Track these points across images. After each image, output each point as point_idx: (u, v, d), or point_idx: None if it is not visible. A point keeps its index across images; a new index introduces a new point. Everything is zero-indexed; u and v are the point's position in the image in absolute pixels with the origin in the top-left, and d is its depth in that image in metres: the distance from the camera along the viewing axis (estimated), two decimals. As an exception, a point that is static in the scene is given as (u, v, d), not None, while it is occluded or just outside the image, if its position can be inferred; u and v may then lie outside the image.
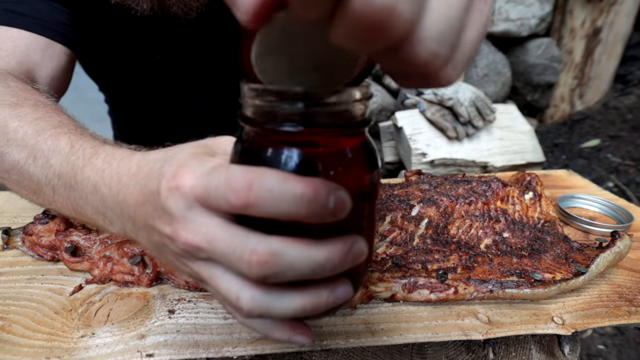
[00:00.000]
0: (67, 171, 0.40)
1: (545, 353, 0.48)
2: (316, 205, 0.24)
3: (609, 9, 2.35)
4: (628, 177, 1.99)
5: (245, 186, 0.25)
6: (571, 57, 2.49)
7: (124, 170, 0.34)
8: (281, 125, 0.26)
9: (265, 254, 0.25)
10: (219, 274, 0.28)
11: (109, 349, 0.39)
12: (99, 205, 0.36)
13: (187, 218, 0.27)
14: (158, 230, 0.30)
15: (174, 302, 0.45)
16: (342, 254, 0.26)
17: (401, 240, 0.54)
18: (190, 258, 0.29)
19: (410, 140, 1.88)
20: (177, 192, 0.27)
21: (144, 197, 0.31)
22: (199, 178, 0.27)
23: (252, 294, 0.27)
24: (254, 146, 0.28)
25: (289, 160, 0.27)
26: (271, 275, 0.25)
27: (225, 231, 0.26)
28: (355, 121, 0.28)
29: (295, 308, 0.27)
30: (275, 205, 0.24)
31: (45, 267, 0.51)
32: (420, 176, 0.70)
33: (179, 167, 0.28)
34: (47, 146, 0.43)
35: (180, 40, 0.81)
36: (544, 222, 0.62)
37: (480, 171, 1.89)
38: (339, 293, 0.28)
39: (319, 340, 0.41)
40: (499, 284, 0.46)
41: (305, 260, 0.25)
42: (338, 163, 0.28)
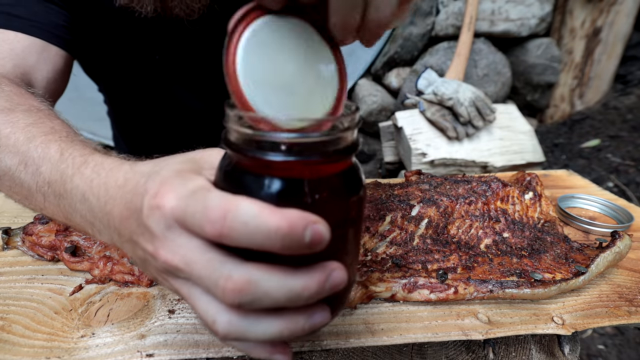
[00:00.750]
0: (57, 179, 0.40)
1: (545, 353, 0.48)
2: (291, 239, 0.24)
3: (609, 9, 2.35)
4: (628, 177, 1.99)
5: (220, 217, 0.25)
6: (571, 57, 2.49)
7: (111, 182, 0.34)
8: (264, 154, 0.26)
9: (240, 282, 0.25)
10: (197, 294, 0.28)
11: (109, 349, 0.39)
12: (87, 214, 0.37)
13: (167, 238, 0.27)
14: (141, 246, 0.30)
15: (174, 302, 0.45)
16: (320, 283, 0.26)
17: (401, 240, 0.54)
18: (171, 275, 0.29)
19: (410, 140, 1.88)
20: (158, 212, 0.27)
21: (128, 211, 0.31)
22: (179, 199, 0.27)
23: (228, 319, 0.27)
24: (236, 171, 0.28)
25: (270, 188, 0.26)
26: (246, 303, 0.25)
27: (203, 255, 0.26)
28: (341, 149, 0.28)
29: (271, 333, 0.27)
30: (250, 237, 0.24)
31: (45, 267, 0.51)
32: (420, 176, 0.70)
33: (162, 185, 0.28)
34: (38, 153, 0.43)
35: (179, 41, 0.81)
36: (544, 222, 0.62)
37: (480, 171, 1.89)
38: (316, 319, 0.28)
39: (319, 340, 0.41)
40: (499, 284, 0.46)
41: (281, 289, 0.25)
42: (321, 190, 0.27)
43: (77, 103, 2.19)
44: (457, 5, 2.30)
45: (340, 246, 0.29)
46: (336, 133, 0.27)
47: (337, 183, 0.28)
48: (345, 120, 0.28)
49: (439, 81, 1.94)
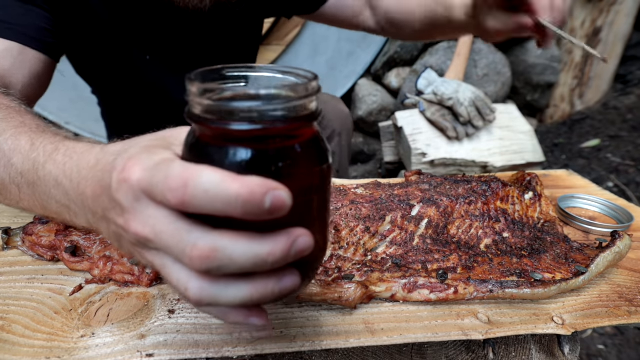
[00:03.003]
0: (29, 168, 0.41)
1: (545, 353, 0.48)
2: (252, 205, 0.24)
3: (609, 9, 2.35)
4: (628, 177, 1.99)
5: (182, 185, 0.25)
6: (571, 57, 2.49)
7: (83, 163, 0.35)
8: (225, 124, 0.27)
9: (205, 249, 0.26)
10: (169, 264, 0.28)
11: (109, 349, 0.39)
12: (62, 198, 0.37)
13: (136, 210, 0.28)
14: (113, 221, 0.31)
15: (174, 302, 0.45)
16: (285, 249, 0.26)
17: (401, 240, 0.54)
18: (143, 248, 0.30)
19: (410, 140, 1.88)
20: (125, 185, 0.28)
21: (100, 189, 0.31)
22: (144, 171, 0.27)
23: (199, 285, 0.27)
24: (199, 143, 0.28)
25: (234, 157, 0.27)
26: (213, 269, 0.26)
27: (170, 224, 0.27)
28: (300, 117, 0.28)
29: (242, 297, 0.28)
30: (211, 204, 0.25)
31: (45, 267, 0.51)
32: (420, 176, 0.70)
33: (129, 160, 0.29)
34: (8, 146, 0.44)
35: (170, 40, 0.81)
36: (544, 222, 0.62)
37: (480, 171, 1.89)
38: (286, 283, 0.28)
39: (319, 341, 0.41)
40: (499, 284, 0.46)
41: (246, 255, 0.26)
42: (283, 159, 0.27)
43: (77, 103, 2.19)
44: (457, 5, 2.29)
45: (307, 214, 0.30)
46: (295, 100, 0.27)
47: (300, 152, 0.29)
48: (306, 87, 0.28)
49: (439, 81, 1.94)
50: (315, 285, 0.45)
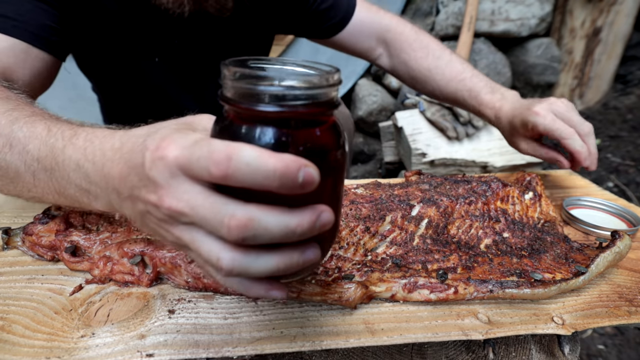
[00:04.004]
0: (47, 154, 0.41)
1: (545, 353, 0.48)
2: (287, 179, 0.27)
3: (609, 9, 2.35)
4: (628, 177, 1.99)
5: (226, 159, 0.27)
6: (571, 57, 2.49)
7: (107, 146, 0.36)
8: (258, 105, 0.30)
9: (243, 219, 0.28)
10: (200, 237, 0.30)
11: (109, 349, 0.39)
12: (82, 182, 0.38)
13: (171, 185, 0.29)
14: (143, 199, 0.31)
15: (174, 302, 0.45)
16: (311, 221, 0.29)
17: (401, 240, 0.54)
18: (173, 223, 0.31)
19: (410, 140, 1.88)
20: (161, 162, 0.29)
21: (128, 169, 0.32)
22: (182, 149, 0.29)
23: (231, 256, 0.29)
24: (233, 124, 0.31)
25: (264, 137, 0.30)
26: (248, 238, 0.28)
27: (207, 198, 0.29)
28: (324, 102, 0.32)
29: (270, 267, 0.30)
30: (251, 177, 0.27)
31: (45, 267, 0.51)
32: (420, 176, 0.70)
33: (162, 140, 0.30)
34: (23, 133, 0.44)
35: (181, 42, 0.81)
36: (544, 222, 0.62)
37: (480, 171, 1.89)
38: (308, 255, 0.31)
39: (319, 341, 0.41)
40: (499, 284, 0.46)
41: (278, 225, 0.28)
42: (308, 141, 0.31)
43: (77, 103, 2.19)
44: (457, 5, 2.29)
45: (326, 194, 0.33)
46: (320, 88, 0.31)
47: (322, 136, 0.32)
48: (329, 78, 0.32)
49: (439, 81, 1.94)
50: (315, 285, 0.45)
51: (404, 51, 0.89)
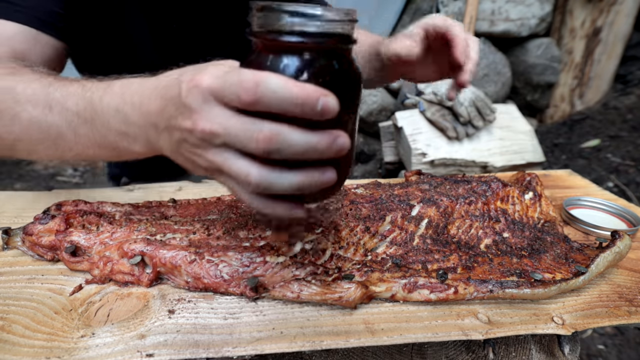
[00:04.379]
0: (85, 106, 0.44)
1: (545, 353, 0.48)
2: (308, 106, 0.31)
3: (609, 9, 2.35)
4: (628, 177, 1.99)
5: (254, 85, 0.31)
6: (571, 57, 2.49)
7: (143, 88, 0.40)
8: (283, 37, 0.33)
9: (270, 133, 0.31)
10: (230, 157, 0.34)
11: (109, 349, 0.39)
12: (121, 125, 0.42)
13: (204, 110, 0.33)
14: (179, 126, 0.36)
15: (174, 302, 0.45)
16: (330, 141, 0.33)
17: (401, 240, 0.54)
18: (206, 147, 0.35)
19: (410, 140, 1.88)
20: (196, 90, 0.34)
21: (165, 102, 0.37)
22: (215, 78, 0.33)
23: (259, 171, 0.33)
24: (261, 55, 0.35)
25: (289, 67, 0.33)
26: (274, 151, 0.32)
27: (237, 119, 0.33)
28: (343, 37, 0.35)
29: (293, 183, 0.33)
30: (277, 102, 0.31)
31: (45, 267, 0.51)
32: (420, 176, 0.70)
33: (196, 72, 0.35)
34: (60, 93, 0.47)
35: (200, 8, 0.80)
36: (544, 222, 0.62)
37: (480, 171, 1.89)
38: (327, 176, 0.34)
39: (319, 341, 0.41)
40: (499, 284, 0.46)
41: (301, 141, 0.32)
42: (328, 73, 0.34)
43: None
44: (457, 5, 2.29)
45: (342, 124, 0.36)
46: (340, 22, 0.34)
47: (340, 68, 0.35)
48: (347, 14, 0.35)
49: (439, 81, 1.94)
50: (315, 285, 0.45)
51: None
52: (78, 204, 0.57)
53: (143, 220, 0.55)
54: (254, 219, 0.54)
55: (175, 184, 0.75)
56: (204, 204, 0.61)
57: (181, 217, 0.57)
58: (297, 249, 0.50)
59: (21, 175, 2.30)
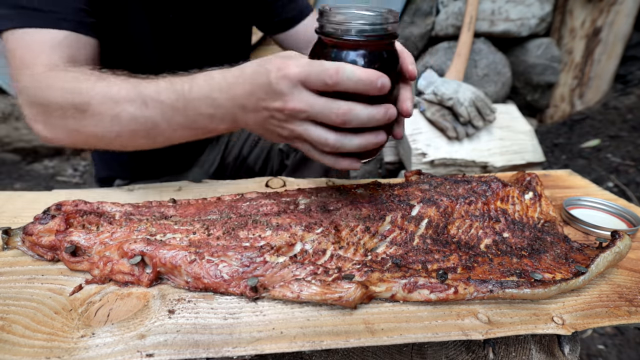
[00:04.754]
0: (177, 98, 0.53)
1: (545, 353, 0.48)
2: (372, 85, 0.45)
3: (609, 9, 2.35)
4: (628, 177, 1.99)
5: (335, 72, 0.44)
6: (571, 57, 2.49)
7: (228, 76, 0.50)
8: (348, 36, 0.46)
9: (345, 108, 0.45)
10: (311, 127, 0.47)
11: (109, 349, 0.39)
12: (209, 109, 0.52)
13: (293, 93, 0.46)
14: (268, 107, 0.48)
15: (173, 302, 0.45)
16: (384, 112, 0.47)
17: (401, 240, 0.54)
18: (291, 121, 0.48)
19: (410, 140, 1.88)
20: (286, 78, 0.45)
21: (253, 87, 0.48)
22: (301, 67, 0.45)
23: (334, 136, 0.47)
24: (328, 49, 0.48)
25: (355, 58, 0.47)
26: (348, 121, 0.45)
27: (319, 99, 0.46)
28: (390, 35, 0.48)
29: (357, 144, 0.48)
30: (351, 84, 0.44)
31: (45, 267, 0.51)
32: (420, 176, 0.70)
33: (282, 62, 0.46)
34: (152, 90, 0.55)
35: (173, 15, 0.80)
36: (544, 222, 0.62)
37: (480, 171, 1.89)
38: (380, 137, 0.49)
39: (319, 340, 0.41)
40: (499, 284, 0.46)
41: (365, 113, 0.46)
42: (381, 60, 0.48)
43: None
44: (457, 5, 2.29)
45: (391, 97, 0.50)
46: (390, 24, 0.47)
47: (387, 57, 0.49)
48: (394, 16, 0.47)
49: (439, 81, 1.94)
50: (315, 285, 0.45)
51: None
52: (78, 204, 0.57)
53: (143, 220, 0.55)
54: (252, 220, 0.54)
55: (175, 184, 0.75)
56: (204, 204, 0.61)
57: (181, 217, 0.57)
58: (297, 249, 0.50)
59: (21, 175, 2.30)
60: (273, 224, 0.53)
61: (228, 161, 1.12)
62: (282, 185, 0.76)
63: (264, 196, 0.62)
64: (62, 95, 0.58)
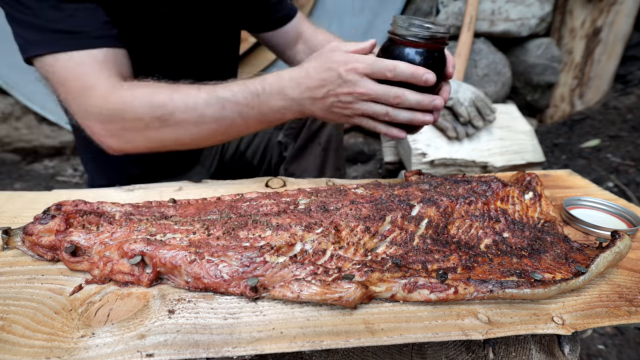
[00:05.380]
0: (252, 97, 0.65)
1: (545, 353, 0.48)
2: (419, 77, 0.61)
3: (609, 9, 2.35)
4: (628, 177, 1.99)
5: (393, 68, 0.60)
6: (571, 57, 2.49)
7: (294, 74, 0.64)
8: (412, 39, 0.61)
9: (398, 92, 0.62)
10: (374, 105, 0.63)
11: (109, 349, 0.39)
12: (281, 102, 0.65)
13: (360, 82, 0.62)
14: (337, 93, 0.63)
15: (173, 302, 0.45)
16: (430, 100, 0.63)
17: (401, 240, 0.54)
18: (357, 102, 0.63)
19: (410, 140, 1.88)
20: (354, 71, 0.61)
21: (323, 81, 0.63)
22: (366, 64, 0.61)
23: (392, 111, 0.63)
24: (397, 45, 0.63)
25: (413, 55, 0.62)
26: (400, 102, 0.62)
27: (380, 87, 0.62)
28: (443, 41, 0.63)
29: (407, 117, 0.64)
30: (404, 76, 0.61)
31: (45, 267, 0.51)
32: (420, 176, 0.70)
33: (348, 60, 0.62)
34: (227, 94, 0.65)
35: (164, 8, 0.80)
36: (544, 222, 0.62)
37: (480, 171, 1.89)
38: (427, 117, 0.65)
39: (319, 340, 0.41)
40: (499, 284, 0.46)
41: (414, 98, 0.62)
42: (432, 58, 0.63)
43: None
44: (457, 5, 2.29)
45: (435, 89, 0.65)
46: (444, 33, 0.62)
47: (439, 57, 0.63)
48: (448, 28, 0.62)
49: (439, 81, 1.94)
50: (315, 285, 0.45)
51: (315, 37, 1.03)
52: (78, 204, 0.57)
53: (143, 220, 0.55)
54: (252, 220, 0.54)
55: (175, 184, 0.75)
56: (204, 204, 0.61)
57: (181, 217, 0.57)
58: (297, 249, 0.50)
59: (21, 175, 2.30)
60: (273, 224, 0.53)
61: (226, 158, 1.12)
62: (282, 185, 0.76)
63: (264, 196, 0.62)
64: (144, 110, 0.65)
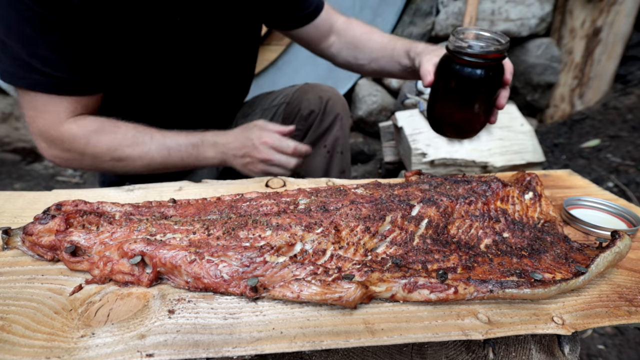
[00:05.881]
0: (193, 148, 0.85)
1: (545, 353, 0.48)
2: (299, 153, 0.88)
3: (609, 9, 2.35)
4: (628, 177, 1.99)
5: (294, 147, 0.86)
6: (571, 57, 2.49)
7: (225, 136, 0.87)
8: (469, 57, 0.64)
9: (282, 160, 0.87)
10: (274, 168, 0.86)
11: (109, 349, 0.39)
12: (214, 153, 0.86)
13: (266, 151, 0.84)
14: (251, 155, 0.85)
15: (174, 302, 0.45)
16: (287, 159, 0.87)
17: (401, 240, 0.54)
18: (265, 163, 0.85)
19: (410, 140, 1.88)
20: (264, 144, 0.84)
21: (243, 145, 0.85)
22: (273, 140, 0.85)
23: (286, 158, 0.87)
24: (452, 62, 0.66)
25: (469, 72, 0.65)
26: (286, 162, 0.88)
27: (281, 155, 0.85)
28: (498, 56, 0.65)
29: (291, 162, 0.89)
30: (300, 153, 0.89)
31: (45, 267, 0.51)
32: (420, 176, 0.70)
33: (261, 134, 0.85)
34: (174, 143, 0.84)
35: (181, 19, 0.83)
36: (544, 222, 0.62)
37: (480, 171, 1.89)
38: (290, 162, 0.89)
39: (319, 340, 0.41)
40: (499, 284, 0.46)
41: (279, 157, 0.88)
42: (493, 69, 0.65)
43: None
44: (457, 5, 2.29)
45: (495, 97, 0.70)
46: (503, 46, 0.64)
47: (496, 70, 0.66)
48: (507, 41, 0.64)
49: (439, 81, 1.93)
50: (315, 285, 0.45)
51: (350, 29, 1.06)
52: (78, 204, 0.57)
53: (143, 220, 0.55)
54: (252, 220, 0.54)
55: (175, 184, 0.75)
56: (204, 204, 0.61)
57: (181, 217, 0.57)
58: (297, 249, 0.50)
59: (21, 175, 2.30)
60: (273, 224, 0.53)
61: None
62: (282, 185, 0.76)
63: (264, 196, 0.62)
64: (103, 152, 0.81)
